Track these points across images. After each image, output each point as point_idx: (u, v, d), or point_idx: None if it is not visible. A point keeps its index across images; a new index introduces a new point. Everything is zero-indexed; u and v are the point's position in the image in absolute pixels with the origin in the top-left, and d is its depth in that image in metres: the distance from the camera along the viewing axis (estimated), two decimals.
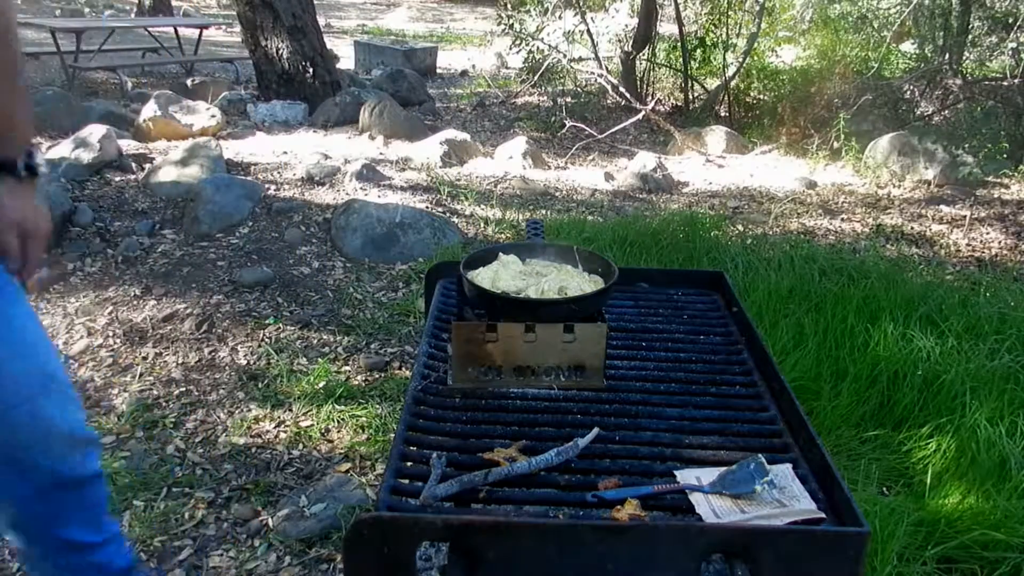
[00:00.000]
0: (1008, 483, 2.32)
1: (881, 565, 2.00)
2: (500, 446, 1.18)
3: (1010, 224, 5.22)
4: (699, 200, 5.60)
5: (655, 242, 4.10)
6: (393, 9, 17.62)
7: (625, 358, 1.49)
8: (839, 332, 3.13)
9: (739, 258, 3.89)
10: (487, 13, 14.67)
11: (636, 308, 1.71)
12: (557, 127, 7.39)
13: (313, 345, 3.24)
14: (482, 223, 4.71)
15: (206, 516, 2.27)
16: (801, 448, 1.20)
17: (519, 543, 0.95)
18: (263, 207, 4.47)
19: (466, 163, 6.03)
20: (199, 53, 9.37)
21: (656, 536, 0.95)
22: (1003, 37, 6.89)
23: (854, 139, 6.53)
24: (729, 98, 8.11)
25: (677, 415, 1.30)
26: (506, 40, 8.68)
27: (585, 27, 8.06)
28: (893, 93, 7.24)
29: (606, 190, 5.74)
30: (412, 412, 1.28)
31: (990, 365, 2.92)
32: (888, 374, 2.85)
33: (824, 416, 2.67)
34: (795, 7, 9.01)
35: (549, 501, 1.10)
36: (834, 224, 5.15)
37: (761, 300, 3.39)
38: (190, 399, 2.84)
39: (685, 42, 8.14)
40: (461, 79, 10.13)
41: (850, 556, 0.94)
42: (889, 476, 2.49)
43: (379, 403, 2.81)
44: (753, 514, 1.03)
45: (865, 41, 7.92)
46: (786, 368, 2.81)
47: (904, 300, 3.42)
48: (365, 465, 2.50)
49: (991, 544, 2.12)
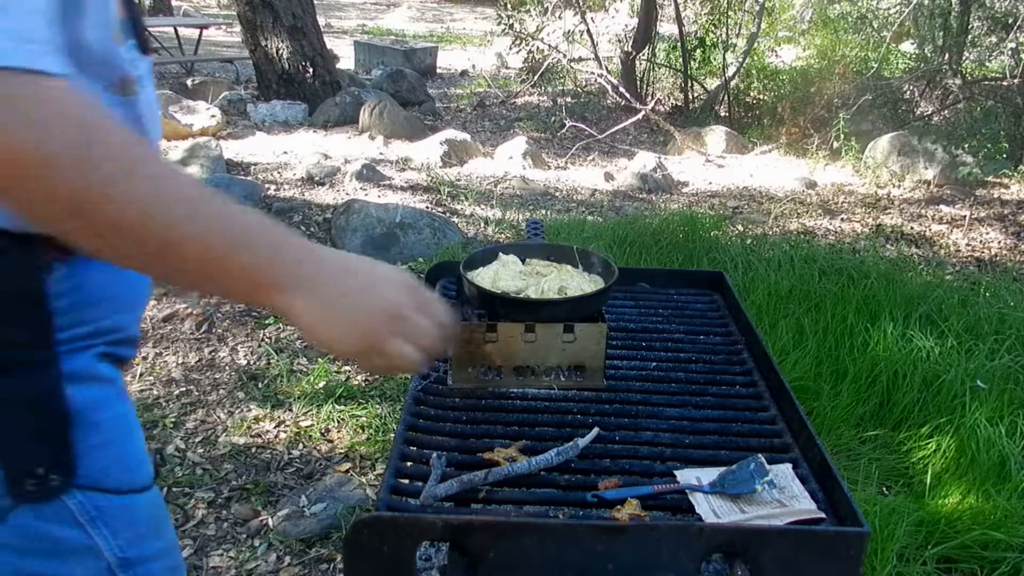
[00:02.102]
0: (1008, 483, 2.33)
1: (881, 565, 2.00)
2: (500, 446, 1.18)
3: (1010, 224, 5.22)
4: (699, 200, 5.60)
5: (655, 242, 4.10)
6: (393, 9, 17.62)
7: (625, 358, 1.48)
8: (839, 332, 3.14)
9: (739, 258, 3.89)
10: (487, 13, 14.67)
11: (636, 308, 1.71)
12: (557, 127, 7.39)
13: (313, 345, 3.24)
14: (482, 223, 4.71)
15: (206, 516, 2.27)
16: (801, 448, 1.19)
17: (519, 543, 0.95)
18: (263, 207, 4.47)
19: (466, 163, 6.03)
20: (199, 53, 9.37)
21: (656, 536, 0.95)
22: (1003, 37, 6.89)
23: (854, 139, 6.53)
24: (729, 98, 8.11)
25: (677, 415, 1.30)
26: (506, 40, 8.68)
27: (585, 27, 8.06)
28: (893, 93, 7.24)
29: (606, 190, 5.74)
30: (412, 412, 1.28)
31: (990, 365, 2.92)
32: (888, 374, 2.85)
33: (824, 416, 2.68)
34: (795, 7, 9.01)
35: (549, 501, 1.10)
36: (834, 224, 5.15)
37: (761, 300, 3.39)
38: (190, 399, 2.84)
39: (685, 42, 8.14)
40: (461, 79, 10.13)
41: (850, 556, 0.94)
42: (889, 476, 2.49)
43: (379, 403, 2.81)
44: (753, 514, 1.03)
45: (865, 41, 7.92)
46: (786, 368, 2.81)
47: (904, 300, 3.42)
48: (365, 465, 2.50)
49: (991, 544, 2.12)
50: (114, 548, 0.96)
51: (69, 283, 0.88)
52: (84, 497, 0.91)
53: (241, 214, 0.78)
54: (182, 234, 0.74)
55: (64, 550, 0.93)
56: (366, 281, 0.85)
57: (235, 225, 0.78)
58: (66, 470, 0.88)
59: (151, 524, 1.02)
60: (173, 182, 0.75)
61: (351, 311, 0.83)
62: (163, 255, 0.75)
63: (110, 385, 0.97)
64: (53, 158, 0.67)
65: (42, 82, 0.67)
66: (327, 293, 0.82)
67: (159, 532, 1.06)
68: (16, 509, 0.89)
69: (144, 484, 1.01)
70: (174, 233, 0.74)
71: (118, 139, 0.72)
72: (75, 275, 0.88)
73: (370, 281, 0.86)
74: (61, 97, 0.69)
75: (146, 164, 0.73)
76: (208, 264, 0.76)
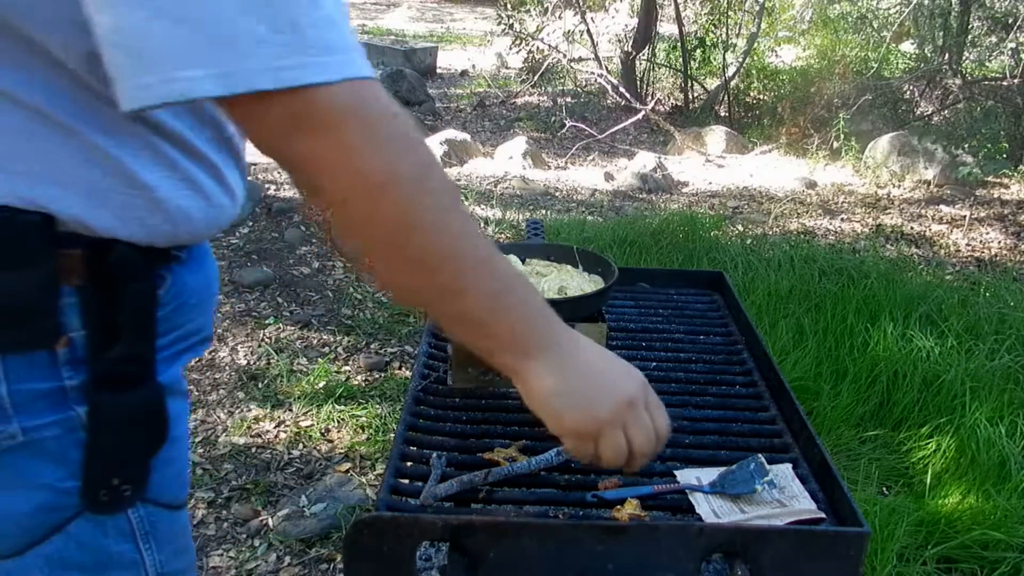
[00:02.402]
0: (1008, 483, 2.33)
1: (881, 565, 2.00)
2: (500, 446, 1.18)
3: (1010, 224, 5.22)
4: (699, 200, 5.60)
5: (655, 242, 4.10)
6: (393, 9, 17.61)
7: (625, 358, 1.48)
8: (839, 332, 3.14)
9: (739, 258, 3.89)
10: (487, 13, 14.66)
11: (636, 308, 1.71)
12: (557, 127, 7.39)
13: (313, 345, 3.24)
14: (482, 223, 4.71)
15: (206, 516, 2.27)
16: (801, 448, 1.19)
17: (519, 543, 0.95)
18: (263, 207, 4.47)
19: (466, 163, 6.03)
20: None
21: (656, 536, 0.95)
22: (1003, 37, 6.89)
23: (854, 139, 6.53)
24: (729, 98, 8.12)
25: (677, 415, 1.30)
26: (506, 40, 8.67)
27: (585, 27, 8.06)
28: (893, 93, 7.24)
29: (606, 190, 5.74)
30: (412, 412, 1.28)
31: (990, 365, 2.92)
32: (888, 374, 2.85)
33: (824, 416, 2.68)
34: (795, 7, 9.01)
35: (549, 501, 1.10)
36: (834, 224, 5.15)
37: (761, 300, 3.39)
38: (190, 399, 2.83)
39: (685, 42, 8.14)
40: (461, 79, 10.12)
41: (850, 556, 0.94)
42: (889, 476, 2.49)
43: (379, 403, 2.81)
44: (753, 514, 1.03)
45: (865, 41, 7.92)
46: (786, 368, 2.81)
47: (904, 300, 3.43)
48: (365, 465, 2.50)
49: (991, 544, 2.13)
50: (156, 563, 0.95)
51: (173, 291, 0.88)
52: (145, 511, 0.91)
53: (517, 274, 0.82)
54: (474, 280, 0.76)
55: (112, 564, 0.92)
56: (606, 365, 0.88)
57: (517, 285, 0.81)
58: (139, 484, 0.88)
59: (184, 538, 1.03)
60: (474, 226, 0.77)
61: (588, 391, 0.85)
62: (450, 296, 0.76)
63: (184, 398, 0.97)
64: (398, 178, 0.68)
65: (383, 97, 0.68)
66: (569, 369, 0.83)
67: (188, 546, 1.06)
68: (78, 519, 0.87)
69: (183, 500, 1.02)
70: (468, 278, 0.75)
71: (441, 169, 0.74)
72: (176, 283, 0.89)
73: (609, 367, 0.88)
74: (405, 117, 0.70)
75: (458, 201, 0.75)
76: (483, 313, 0.78)
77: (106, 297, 0.80)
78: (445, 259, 0.74)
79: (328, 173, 0.68)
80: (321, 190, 0.71)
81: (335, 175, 0.68)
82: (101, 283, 0.79)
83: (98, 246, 0.78)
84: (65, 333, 0.79)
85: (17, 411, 0.79)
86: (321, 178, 0.69)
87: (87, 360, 0.81)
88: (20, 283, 0.75)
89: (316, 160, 0.68)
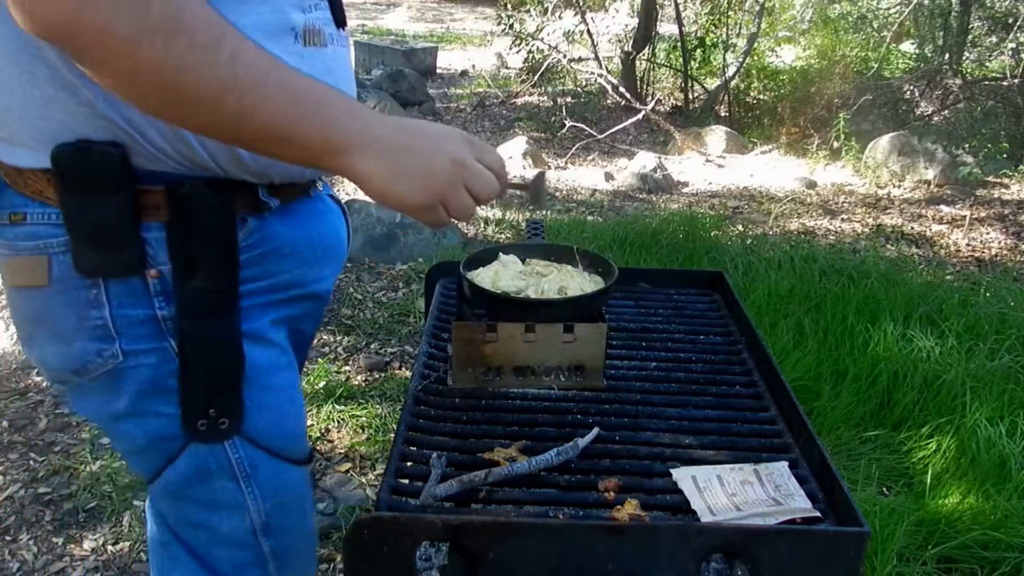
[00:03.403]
0: (1008, 483, 2.33)
1: (881, 565, 2.00)
2: (500, 446, 1.18)
3: (1010, 224, 5.22)
4: (699, 200, 5.60)
5: (655, 242, 4.10)
6: (393, 9, 17.61)
7: (625, 358, 1.48)
8: (839, 332, 3.14)
9: (739, 258, 3.89)
10: (487, 13, 14.66)
11: (636, 308, 1.71)
12: (557, 127, 7.38)
13: (313, 345, 3.24)
14: (482, 223, 4.72)
15: None
16: (801, 448, 1.20)
17: (519, 543, 0.95)
18: None
19: None
20: None
21: (656, 536, 0.95)
22: (1003, 37, 6.89)
23: (854, 139, 6.53)
24: (729, 98, 8.11)
25: (677, 415, 1.30)
26: (506, 40, 8.67)
27: (585, 27, 8.06)
28: (893, 93, 7.24)
29: (606, 190, 5.74)
30: (412, 412, 1.28)
31: (990, 365, 2.92)
32: (888, 374, 2.85)
33: (824, 416, 2.68)
34: (795, 7, 9.01)
35: (549, 501, 1.10)
36: (834, 224, 5.15)
37: (761, 300, 3.39)
38: None
39: (685, 42, 8.14)
40: (461, 79, 10.13)
41: (850, 556, 0.94)
42: (889, 476, 2.49)
43: (379, 403, 2.81)
44: (748, 512, 1.03)
45: (865, 41, 7.92)
46: (786, 368, 2.81)
47: (904, 300, 3.42)
48: (365, 465, 2.50)
49: (991, 544, 2.12)
50: (260, 511, 1.02)
51: (258, 236, 0.95)
52: (244, 452, 0.98)
53: (309, 81, 0.82)
54: (261, 98, 0.77)
55: (218, 501, 0.99)
56: (426, 135, 0.89)
57: (311, 90, 0.81)
58: (235, 418, 0.96)
59: (296, 501, 1.08)
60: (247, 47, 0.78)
61: (417, 165, 0.86)
62: (245, 119, 0.78)
63: (282, 353, 1.03)
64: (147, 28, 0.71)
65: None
66: (392, 152, 0.85)
67: (303, 513, 1.11)
68: (186, 450, 0.96)
69: (297, 458, 1.06)
70: (254, 96, 0.77)
71: (196, 8, 0.74)
72: (264, 229, 0.96)
73: (430, 135, 0.89)
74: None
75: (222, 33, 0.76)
76: (285, 125, 0.80)
77: (186, 231, 0.88)
78: (225, 90, 0.75)
79: (77, 35, 0.70)
80: (81, 55, 0.73)
81: (82, 35, 0.70)
82: (182, 219, 0.88)
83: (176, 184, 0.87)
84: (155, 265, 0.89)
85: (120, 334, 0.90)
86: (76, 41, 0.71)
87: (174, 292, 0.90)
88: (105, 210, 0.85)
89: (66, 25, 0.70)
